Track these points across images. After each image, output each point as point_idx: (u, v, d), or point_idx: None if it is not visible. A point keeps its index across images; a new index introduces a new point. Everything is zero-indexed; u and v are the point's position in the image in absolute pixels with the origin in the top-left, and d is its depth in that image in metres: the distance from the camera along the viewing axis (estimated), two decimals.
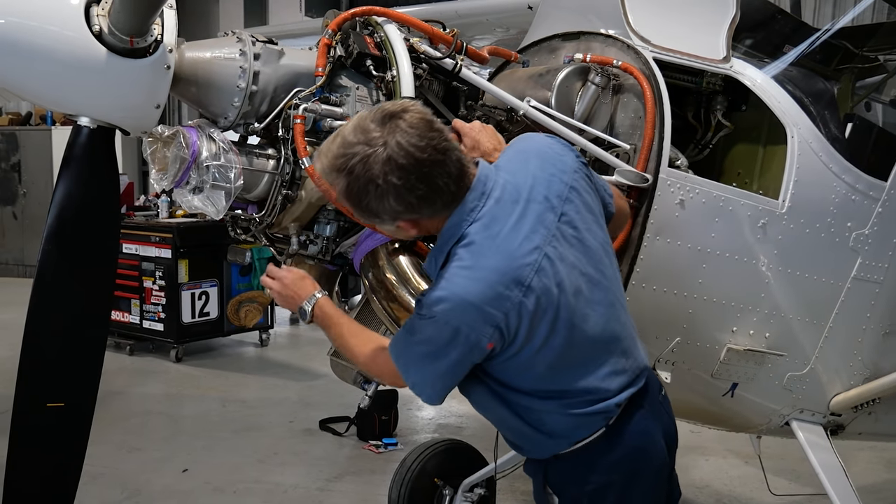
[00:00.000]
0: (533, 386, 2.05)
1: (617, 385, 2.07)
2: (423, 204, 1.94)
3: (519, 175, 2.02)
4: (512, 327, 1.93)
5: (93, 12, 2.15)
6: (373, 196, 1.91)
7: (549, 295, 1.95)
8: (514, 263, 1.92)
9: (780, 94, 2.93)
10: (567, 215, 2.01)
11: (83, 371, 2.41)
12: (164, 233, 7.51)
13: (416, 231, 2.03)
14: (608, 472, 2.08)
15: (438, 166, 1.91)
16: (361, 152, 1.88)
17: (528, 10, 4.99)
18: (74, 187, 2.28)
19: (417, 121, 1.90)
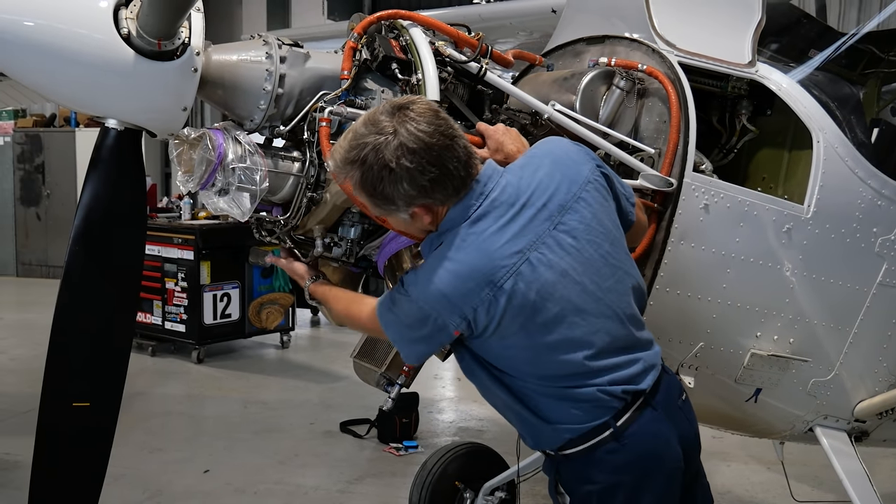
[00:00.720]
0: (517, 369, 2.11)
1: (610, 380, 2.09)
2: (435, 187, 2.01)
3: (524, 179, 2.09)
4: (480, 322, 2.03)
5: (121, 15, 2.17)
6: (387, 181, 1.99)
7: (524, 298, 2.01)
8: (491, 264, 2.00)
9: (805, 99, 2.91)
10: (566, 224, 2.06)
11: (109, 371, 2.43)
12: (187, 234, 7.58)
13: (429, 219, 2.09)
14: (617, 472, 2.09)
15: (448, 150, 2.00)
16: (373, 141, 1.97)
17: (551, 13, 4.99)
18: (102, 189, 2.31)
19: (424, 110, 2.01)
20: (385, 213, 2.12)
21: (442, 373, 7.51)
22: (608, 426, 2.09)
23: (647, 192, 2.66)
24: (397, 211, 2.08)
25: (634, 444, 2.09)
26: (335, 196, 2.46)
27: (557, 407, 2.10)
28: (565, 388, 2.09)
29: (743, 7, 2.98)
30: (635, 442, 2.09)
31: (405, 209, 2.06)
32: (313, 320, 9.56)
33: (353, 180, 2.04)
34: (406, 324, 2.11)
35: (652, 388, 2.14)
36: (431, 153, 1.98)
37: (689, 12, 2.98)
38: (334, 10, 11.73)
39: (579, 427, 2.10)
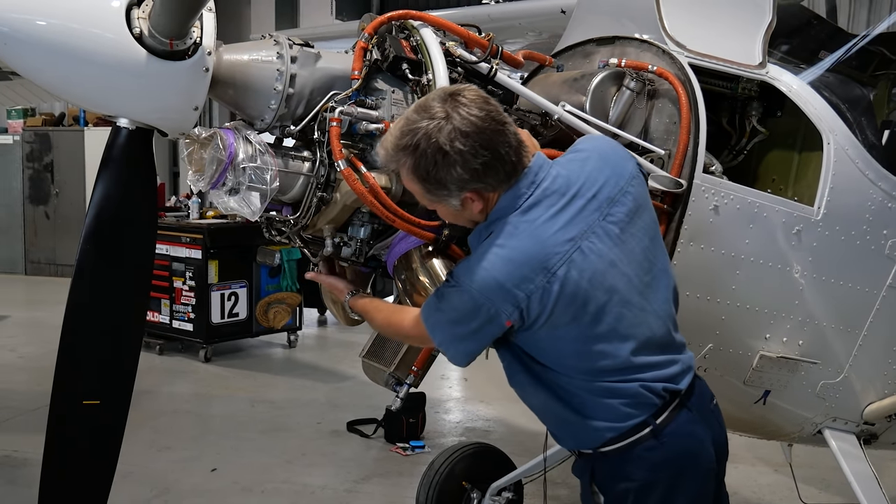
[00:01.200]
0: (563, 365, 2.11)
1: (653, 377, 2.11)
2: (487, 172, 2.03)
3: (573, 171, 2.12)
4: (532, 311, 2.02)
5: (133, 15, 2.18)
6: (441, 165, 2.01)
7: (576, 286, 2.03)
8: (545, 250, 2.02)
9: (816, 101, 2.91)
10: (613, 216, 2.10)
11: (119, 370, 2.43)
12: (195, 233, 7.60)
13: (480, 206, 2.10)
14: (654, 470, 2.11)
15: (499, 135, 2.03)
16: (426, 126, 2.00)
17: (560, 14, 4.99)
18: (113, 188, 2.31)
19: (476, 96, 2.05)
20: (437, 199, 2.12)
21: (449, 373, 7.51)
22: (647, 424, 2.10)
23: (656, 194, 2.66)
24: (449, 197, 2.08)
25: (672, 442, 2.11)
26: (345, 196, 2.47)
27: (600, 404, 2.11)
28: (609, 382, 2.10)
29: (753, 8, 2.98)
30: (673, 441, 2.11)
31: (457, 195, 2.07)
32: (320, 320, 9.57)
33: (405, 167, 2.06)
34: (454, 320, 2.10)
35: (687, 390, 2.16)
36: (484, 136, 2.00)
37: (699, 14, 2.97)
38: (342, 10, 11.74)
39: (621, 425, 2.11)
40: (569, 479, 4.97)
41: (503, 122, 2.06)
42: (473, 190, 2.07)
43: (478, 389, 7.12)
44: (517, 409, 6.75)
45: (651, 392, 2.11)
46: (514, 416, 6.33)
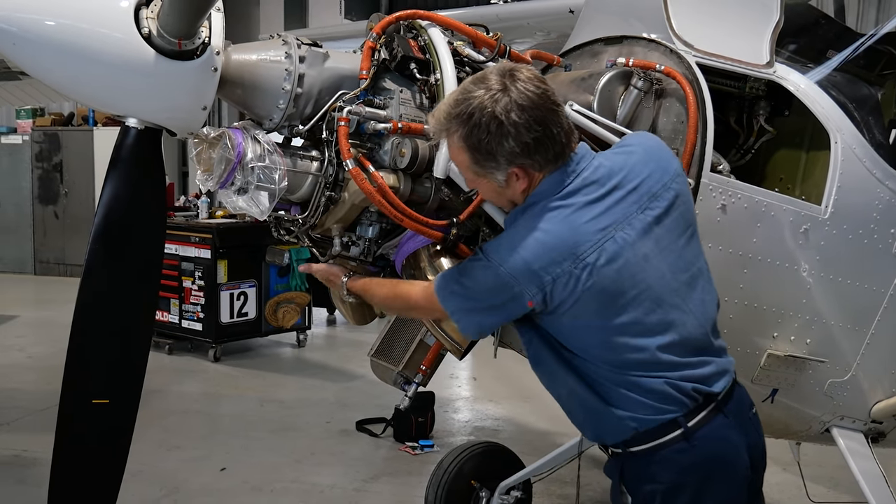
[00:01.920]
0: (589, 353, 2.10)
1: (681, 376, 2.10)
2: (538, 148, 2.04)
3: (616, 163, 2.13)
4: (556, 296, 2.03)
5: (142, 15, 2.19)
6: (493, 135, 2.02)
7: (605, 276, 2.03)
8: (576, 237, 2.02)
9: (823, 100, 2.90)
10: (653, 210, 2.10)
11: (128, 369, 2.44)
12: (204, 233, 7.62)
13: (524, 185, 2.10)
14: (682, 473, 2.09)
15: (553, 115, 2.06)
16: (482, 95, 2.02)
17: (569, 13, 4.99)
18: (122, 188, 2.32)
19: (533, 75, 2.07)
20: (483, 172, 2.11)
21: (458, 372, 7.52)
22: (678, 425, 2.09)
23: None
24: (496, 170, 2.08)
25: (703, 446, 2.10)
26: (353, 195, 2.48)
27: (625, 396, 2.10)
28: (635, 376, 2.09)
29: (761, 8, 2.97)
30: (704, 445, 2.10)
31: (504, 168, 2.07)
32: (329, 319, 9.59)
33: (456, 135, 2.06)
34: (474, 293, 2.11)
35: (724, 395, 2.15)
36: (538, 112, 2.02)
37: (707, 13, 2.97)
38: (351, 9, 11.75)
39: (646, 419, 2.10)
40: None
41: (557, 103, 2.08)
42: (521, 165, 2.06)
43: (487, 389, 7.12)
44: (526, 408, 6.80)
45: (678, 391, 2.09)
46: (523, 415, 6.34)
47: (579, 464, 2.95)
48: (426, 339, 2.99)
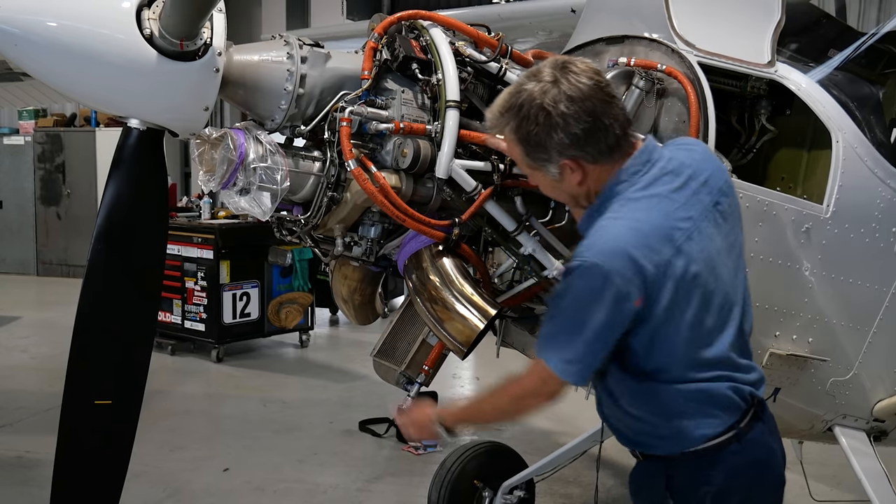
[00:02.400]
0: (671, 354, 2.05)
1: (742, 379, 2.11)
2: (588, 140, 2.00)
3: (684, 157, 2.11)
4: (658, 285, 1.95)
5: (144, 16, 2.20)
6: (542, 127, 1.98)
7: (693, 265, 2.00)
8: (669, 223, 1.99)
9: (825, 99, 2.90)
10: (721, 205, 2.10)
11: (131, 370, 2.45)
12: (206, 234, 7.62)
13: (579, 178, 2.05)
14: (733, 475, 2.09)
15: (606, 106, 2.00)
16: (532, 88, 2.00)
17: (570, 13, 4.99)
18: (124, 188, 2.33)
19: (587, 67, 2.02)
20: (536, 165, 2.07)
21: (461, 372, 7.52)
22: (734, 426, 2.09)
23: None
24: (548, 163, 2.04)
25: (751, 449, 2.11)
26: (355, 195, 2.48)
27: (696, 410, 2.08)
28: (705, 382, 2.07)
29: (762, 7, 2.97)
30: (752, 448, 2.11)
31: (556, 160, 2.03)
32: (332, 319, 9.60)
33: (508, 129, 2.05)
34: (578, 318, 1.96)
35: (760, 402, 2.17)
36: (589, 104, 1.98)
37: (708, 12, 2.97)
38: (353, 9, 11.76)
39: (713, 431, 2.09)
40: (580, 477, 5.01)
41: (612, 95, 2.03)
42: (572, 157, 2.02)
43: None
44: None
45: (739, 395, 2.09)
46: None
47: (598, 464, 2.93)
48: (429, 339, 3.00)
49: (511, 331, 3.20)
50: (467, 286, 2.52)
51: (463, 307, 2.50)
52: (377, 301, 2.94)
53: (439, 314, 2.52)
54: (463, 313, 2.49)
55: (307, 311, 8.18)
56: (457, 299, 2.49)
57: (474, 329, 2.49)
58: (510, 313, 2.98)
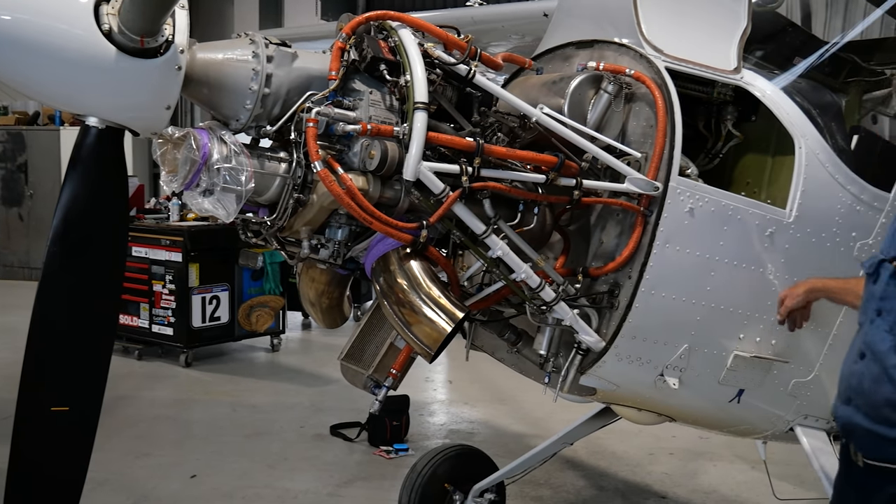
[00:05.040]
0: None
1: None
2: None
3: None
4: None
5: (102, 11, 2.15)
6: None
7: None
8: None
9: (788, 106, 2.94)
10: None
11: (89, 375, 2.38)
12: (175, 236, 7.53)
13: None
14: None
15: None
16: None
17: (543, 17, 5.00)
18: (81, 189, 2.26)
19: None
20: None
21: (433, 375, 7.51)
22: None
23: (633, 196, 2.68)
24: None
25: None
26: (322, 197, 2.46)
27: None
28: None
29: (729, 14, 3.01)
30: None
31: None
32: (304, 323, 9.54)
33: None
34: None
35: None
36: None
37: (676, 19, 3.00)
38: (328, 9, 11.71)
39: None
40: (551, 479, 5.03)
41: None
42: None
43: (462, 392, 7.11)
44: (501, 410, 6.80)
45: None
46: (498, 417, 6.34)
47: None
48: (396, 343, 2.99)
49: (480, 334, 3.21)
50: (435, 289, 2.51)
51: (430, 310, 2.49)
52: (345, 304, 2.92)
53: (407, 317, 2.51)
54: (430, 316, 2.48)
55: (278, 314, 8.12)
56: (424, 302, 2.48)
57: (442, 332, 2.48)
58: (479, 316, 2.98)
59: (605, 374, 2.79)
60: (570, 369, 2.77)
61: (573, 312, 2.68)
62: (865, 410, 2.17)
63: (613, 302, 2.72)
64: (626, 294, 2.69)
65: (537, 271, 2.63)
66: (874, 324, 2.18)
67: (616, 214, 2.79)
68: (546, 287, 2.64)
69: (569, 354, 2.77)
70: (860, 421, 2.18)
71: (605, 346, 2.71)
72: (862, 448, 2.21)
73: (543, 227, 2.72)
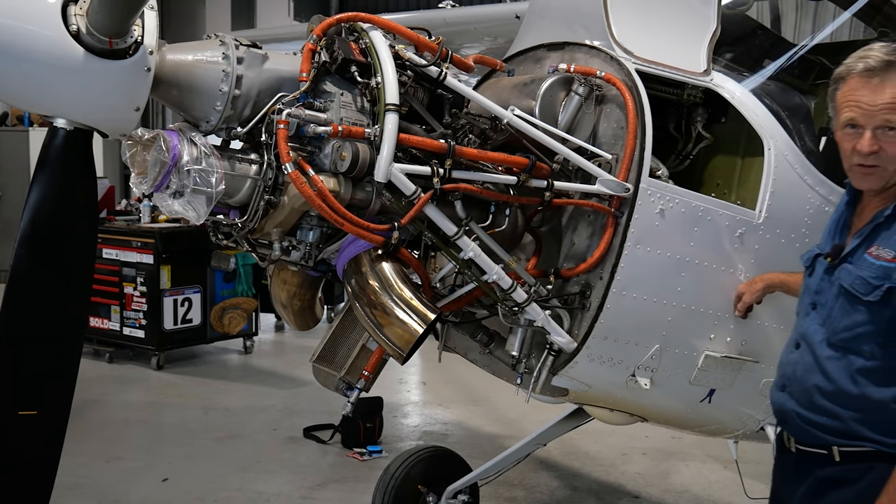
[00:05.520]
0: None
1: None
2: None
3: None
4: None
5: (70, 11, 2.12)
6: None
7: None
8: None
9: (757, 108, 2.97)
10: None
11: (58, 379, 2.35)
12: (146, 238, 7.46)
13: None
14: None
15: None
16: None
17: (515, 19, 5.02)
18: (49, 190, 2.24)
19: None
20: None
21: (407, 377, 7.50)
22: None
23: (604, 197, 2.70)
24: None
25: None
26: (293, 199, 2.45)
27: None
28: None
29: (699, 17, 3.03)
30: None
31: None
32: (277, 325, 9.48)
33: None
34: None
35: None
36: None
37: (647, 21, 3.02)
38: (300, 10, 11.68)
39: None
40: (525, 480, 5.04)
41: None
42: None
43: (436, 393, 7.11)
44: (475, 411, 6.81)
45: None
46: (472, 418, 6.35)
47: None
48: (368, 345, 2.97)
49: (453, 335, 3.21)
50: (407, 290, 2.50)
51: (402, 311, 2.48)
52: (317, 306, 2.91)
53: (379, 319, 2.51)
54: (402, 318, 2.48)
55: (251, 316, 8.07)
56: (396, 304, 2.48)
57: (413, 333, 2.48)
58: (451, 317, 2.98)
59: (577, 375, 2.80)
60: (542, 370, 2.77)
61: (545, 313, 2.69)
62: (797, 397, 2.27)
63: (585, 303, 2.73)
64: (598, 295, 2.70)
65: (509, 272, 2.64)
66: (809, 316, 2.28)
67: (587, 216, 2.80)
68: (518, 288, 2.64)
69: (541, 355, 2.78)
70: (793, 407, 2.28)
71: (577, 346, 2.72)
72: (795, 433, 2.31)
73: (515, 228, 2.72)
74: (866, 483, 2.15)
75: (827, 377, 2.19)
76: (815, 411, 2.22)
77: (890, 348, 2.12)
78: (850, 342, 2.16)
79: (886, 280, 2.10)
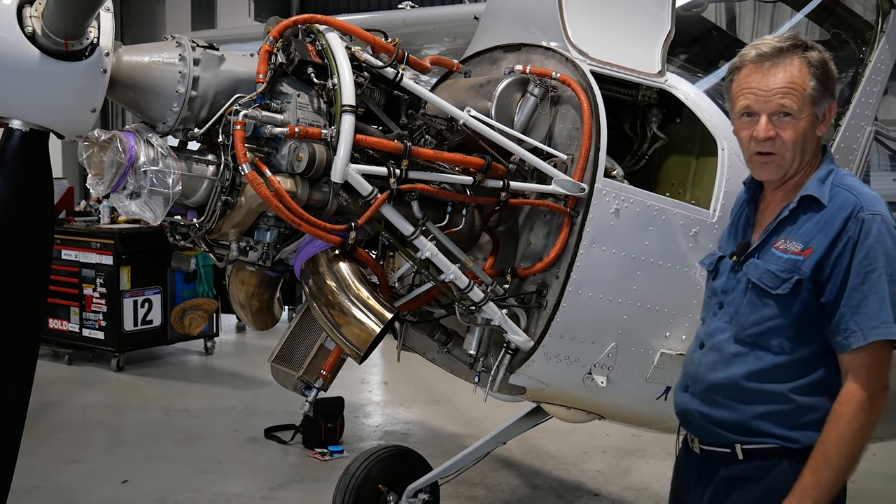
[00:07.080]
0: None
1: None
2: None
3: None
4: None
5: (26, 13, 2.11)
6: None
7: None
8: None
9: (711, 108, 3.02)
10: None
11: (13, 381, 2.32)
12: (106, 239, 7.39)
13: (826, 127, 2.21)
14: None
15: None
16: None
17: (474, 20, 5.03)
18: (5, 191, 2.20)
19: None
20: (822, 100, 2.16)
21: (369, 377, 7.51)
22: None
23: (559, 197, 2.73)
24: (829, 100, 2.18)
25: None
26: (250, 200, 2.45)
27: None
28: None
29: (653, 19, 3.08)
30: None
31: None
32: (238, 326, 9.43)
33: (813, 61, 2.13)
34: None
35: None
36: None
37: (601, 22, 3.06)
38: (261, 11, 11.61)
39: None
40: (486, 478, 5.07)
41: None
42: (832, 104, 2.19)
43: (397, 393, 7.13)
44: (436, 411, 6.84)
45: None
46: (434, 418, 6.37)
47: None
48: (326, 344, 2.98)
49: (411, 334, 3.22)
50: (364, 290, 2.52)
51: (359, 311, 2.50)
52: (276, 306, 2.91)
53: (336, 318, 2.52)
54: (359, 317, 2.49)
55: (212, 317, 8.02)
56: (353, 303, 2.49)
57: (371, 333, 2.49)
58: (409, 317, 3.00)
59: (534, 373, 2.83)
60: (500, 369, 2.81)
61: (502, 312, 2.72)
62: (700, 396, 2.27)
63: (541, 302, 2.77)
64: (554, 294, 2.73)
65: (466, 272, 2.66)
66: (716, 316, 2.29)
67: (543, 216, 2.84)
68: (475, 287, 2.67)
69: (498, 354, 2.81)
70: (696, 406, 2.28)
71: (534, 345, 2.76)
72: (698, 433, 2.31)
73: (472, 228, 2.75)
74: (771, 481, 2.14)
75: (730, 373, 2.20)
76: (717, 408, 2.22)
77: (798, 342, 2.14)
78: (758, 337, 2.17)
79: (795, 273, 2.11)
